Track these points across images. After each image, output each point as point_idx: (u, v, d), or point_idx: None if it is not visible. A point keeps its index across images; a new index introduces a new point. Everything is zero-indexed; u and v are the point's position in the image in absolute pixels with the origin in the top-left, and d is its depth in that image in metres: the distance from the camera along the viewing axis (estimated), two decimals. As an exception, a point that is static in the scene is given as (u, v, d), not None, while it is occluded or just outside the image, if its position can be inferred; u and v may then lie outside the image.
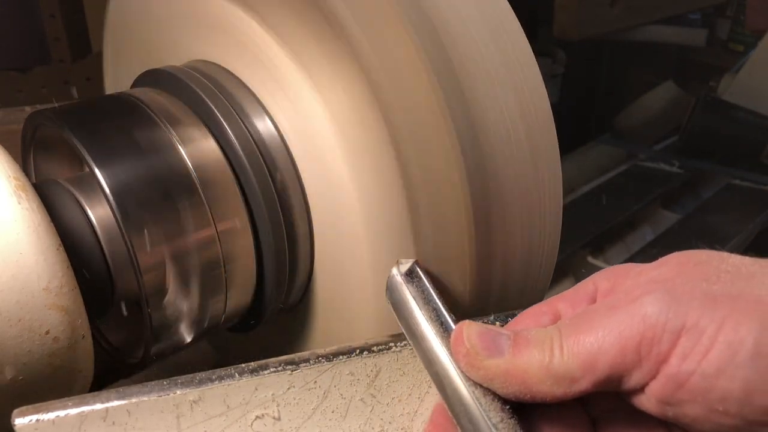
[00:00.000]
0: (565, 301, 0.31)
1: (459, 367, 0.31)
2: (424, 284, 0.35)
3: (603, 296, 0.31)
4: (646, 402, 0.27)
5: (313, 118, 0.38)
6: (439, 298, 0.34)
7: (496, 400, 0.30)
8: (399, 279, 0.35)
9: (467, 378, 0.30)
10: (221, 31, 0.42)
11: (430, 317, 0.33)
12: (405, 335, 0.34)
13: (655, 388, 0.27)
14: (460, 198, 0.37)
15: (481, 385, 0.30)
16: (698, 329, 0.26)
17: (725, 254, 0.29)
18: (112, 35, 0.52)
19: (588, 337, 0.27)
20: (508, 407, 0.30)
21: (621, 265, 0.31)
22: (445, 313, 0.33)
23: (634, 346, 0.26)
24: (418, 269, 0.35)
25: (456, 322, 0.33)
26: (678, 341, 0.26)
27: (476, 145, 0.37)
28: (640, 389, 0.27)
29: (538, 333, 0.29)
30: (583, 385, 0.27)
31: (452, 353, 0.31)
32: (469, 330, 0.30)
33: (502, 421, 0.29)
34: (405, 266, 0.35)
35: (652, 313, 0.26)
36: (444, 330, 0.33)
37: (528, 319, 0.32)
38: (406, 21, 0.36)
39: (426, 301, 0.34)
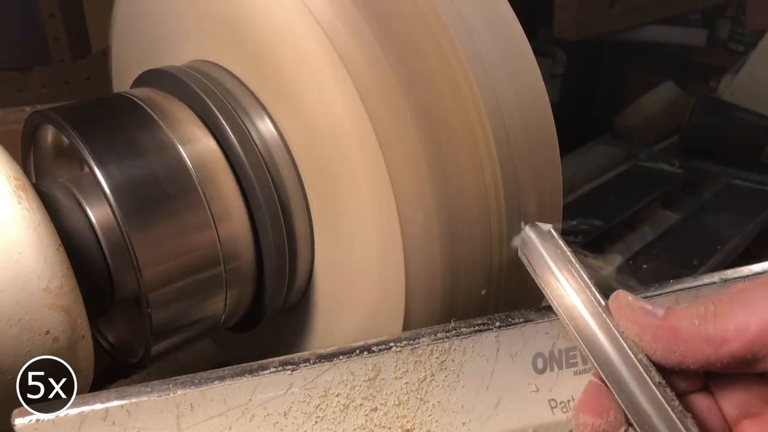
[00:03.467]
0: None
1: (612, 321, 0.32)
2: (562, 248, 0.35)
3: None
4: None
5: (313, 118, 0.38)
6: (578, 262, 0.35)
7: (647, 359, 0.31)
8: (536, 238, 0.36)
9: (618, 333, 0.31)
10: (221, 31, 0.42)
11: (574, 278, 0.34)
12: (546, 295, 0.35)
13: None
14: (460, 198, 0.37)
15: (633, 345, 0.31)
16: None
17: None
18: (118, 33, 0.52)
19: (742, 306, 0.29)
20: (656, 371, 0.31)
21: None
22: (586, 276, 0.34)
23: None
24: (555, 234, 0.36)
25: (595, 283, 0.34)
26: None
27: (482, 146, 0.37)
28: None
29: (692, 306, 0.31)
30: (734, 346, 0.29)
31: (610, 307, 0.32)
32: (626, 294, 0.33)
33: (654, 373, 0.30)
34: (545, 227, 0.37)
35: None
36: (589, 290, 0.33)
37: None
38: (401, 20, 0.37)
39: (566, 263, 0.35)
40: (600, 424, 0.31)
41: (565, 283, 0.34)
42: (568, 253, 0.35)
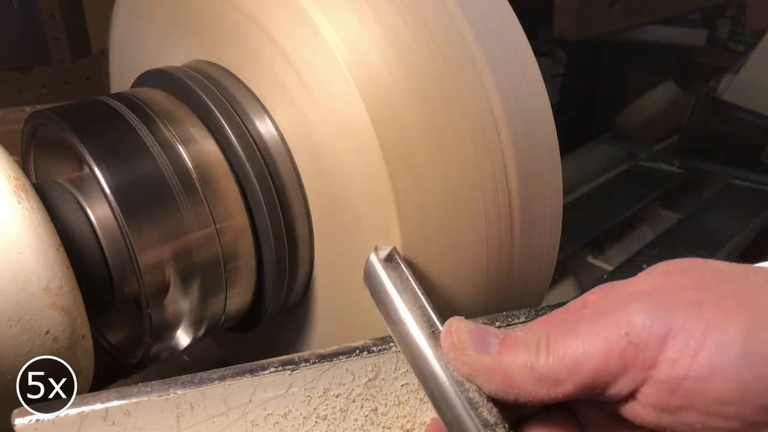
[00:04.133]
0: (556, 317, 0.31)
1: (444, 359, 0.31)
2: (402, 270, 0.34)
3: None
4: (642, 411, 0.27)
5: (313, 118, 0.38)
6: (418, 285, 0.34)
7: (480, 394, 0.30)
8: (377, 264, 0.34)
9: (450, 369, 0.30)
10: (221, 31, 0.42)
11: (410, 304, 0.33)
12: (385, 324, 0.34)
13: (648, 394, 0.26)
14: (459, 198, 0.37)
15: (465, 380, 0.30)
16: (685, 333, 0.25)
17: (711, 261, 0.29)
18: (118, 32, 0.52)
19: (574, 340, 0.27)
20: (492, 405, 0.30)
21: (609, 282, 0.31)
22: (425, 300, 0.33)
23: (618, 351, 0.26)
24: (397, 256, 0.35)
25: (435, 310, 0.33)
26: (665, 346, 0.26)
27: (482, 145, 0.37)
28: (631, 397, 0.27)
29: (526, 335, 0.29)
30: (567, 387, 0.27)
31: (441, 346, 0.31)
32: (459, 325, 0.31)
33: (485, 411, 0.29)
34: (384, 252, 0.35)
35: (637, 320, 0.26)
36: (424, 317, 0.32)
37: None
38: (401, 20, 0.37)
39: (405, 288, 0.34)
40: None
41: (405, 313, 0.33)
42: (410, 279, 0.34)
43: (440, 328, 0.32)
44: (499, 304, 0.41)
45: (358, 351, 0.33)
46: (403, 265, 0.34)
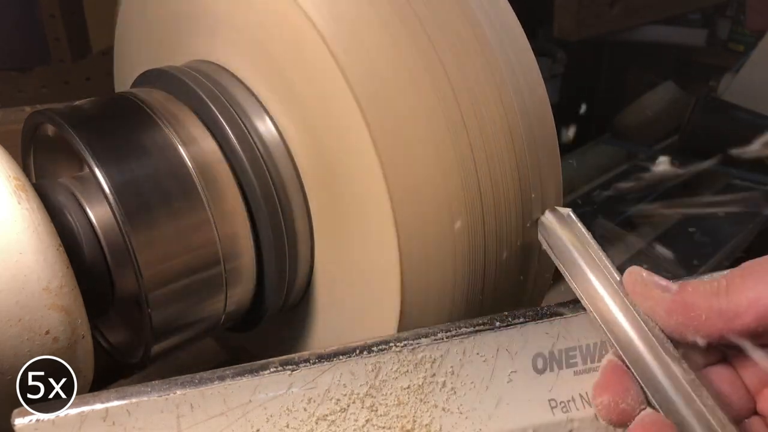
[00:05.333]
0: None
1: (628, 297, 0.33)
2: (581, 230, 0.37)
3: None
4: None
5: (313, 118, 0.38)
6: (596, 242, 0.36)
7: (662, 334, 0.31)
8: (556, 221, 0.38)
9: (634, 310, 0.32)
10: (221, 31, 0.42)
11: (592, 258, 0.35)
12: (565, 276, 0.36)
13: None
14: (458, 196, 0.37)
15: (648, 320, 0.32)
16: None
17: None
18: (121, 32, 0.52)
19: (754, 281, 0.30)
20: (672, 345, 0.31)
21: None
22: (603, 256, 0.35)
23: None
24: (574, 217, 0.38)
25: (612, 263, 0.35)
26: None
27: (474, 145, 0.37)
28: None
29: (705, 281, 0.31)
30: (746, 319, 0.29)
31: (624, 284, 0.33)
32: (640, 270, 0.33)
33: (670, 347, 0.31)
34: (564, 211, 0.38)
35: None
36: (604, 267, 0.35)
37: None
38: (400, 22, 0.37)
39: (585, 244, 0.36)
40: (619, 402, 0.32)
41: (582, 264, 0.35)
42: (587, 235, 0.36)
43: (617, 277, 0.34)
44: (494, 306, 0.41)
45: (358, 351, 0.33)
46: (580, 225, 0.37)
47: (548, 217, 0.38)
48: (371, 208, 0.37)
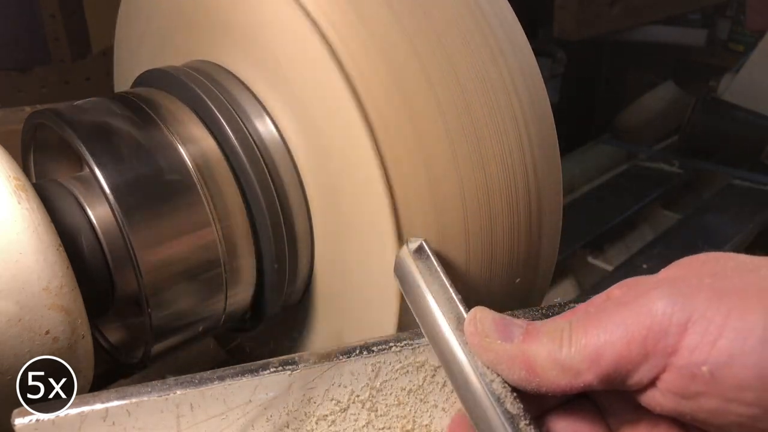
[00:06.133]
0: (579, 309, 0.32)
1: (468, 347, 0.31)
2: (432, 262, 0.35)
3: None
4: (661, 398, 0.27)
5: (313, 118, 0.38)
6: (446, 277, 0.34)
7: (504, 386, 0.30)
8: (408, 256, 0.35)
9: (475, 359, 0.31)
10: (221, 31, 0.42)
11: (439, 295, 0.33)
12: (413, 313, 0.34)
13: (668, 381, 0.27)
14: (457, 196, 0.37)
15: (488, 370, 0.30)
16: (705, 320, 0.26)
17: (732, 254, 0.29)
18: (121, 32, 0.52)
19: (595, 330, 0.28)
20: (515, 398, 0.30)
21: (633, 277, 0.31)
22: (453, 292, 0.34)
23: (640, 339, 0.27)
24: (427, 248, 0.35)
25: (462, 300, 0.33)
26: (685, 333, 0.26)
27: (475, 145, 0.37)
28: (651, 384, 0.27)
29: (549, 325, 0.29)
30: (588, 377, 0.28)
31: (464, 333, 0.31)
32: (483, 314, 0.31)
33: (508, 403, 0.30)
34: (414, 244, 0.36)
35: (658, 308, 0.26)
36: (452, 308, 0.33)
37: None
38: (398, 23, 0.37)
39: (434, 279, 0.34)
40: None
41: (432, 303, 0.33)
42: (439, 271, 0.34)
43: (464, 318, 0.32)
44: (504, 303, 0.41)
45: (358, 351, 0.33)
46: (432, 258, 0.35)
47: (402, 251, 0.36)
48: (370, 208, 0.37)
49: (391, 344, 0.34)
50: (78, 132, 0.38)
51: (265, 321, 0.45)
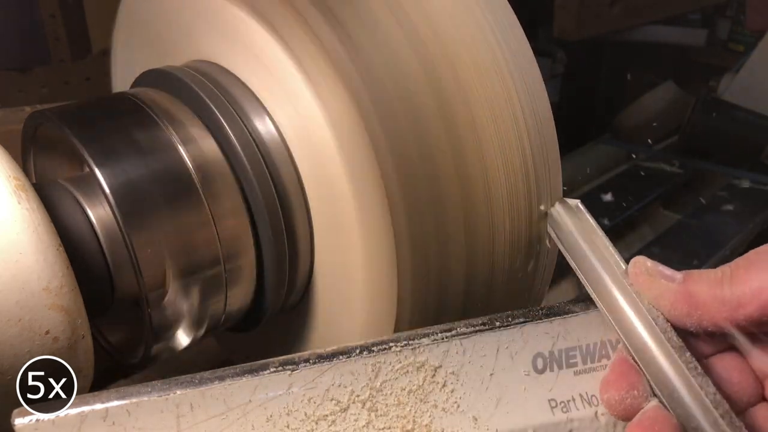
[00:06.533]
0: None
1: (633, 288, 0.33)
2: (589, 221, 0.37)
3: None
4: None
5: (313, 119, 0.38)
6: (602, 232, 0.36)
7: (667, 323, 0.32)
8: (564, 213, 0.38)
9: (639, 300, 0.33)
10: (222, 31, 0.42)
11: (596, 247, 0.36)
12: (572, 266, 0.36)
13: None
14: (457, 197, 0.37)
15: (653, 309, 0.32)
16: None
17: None
18: (121, 33, 0.52)
19: (758, 271, 0.30)
20: (675, 333, 0.32)
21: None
22: (609, 244, 0.35)
23: None
24: (582, 207, 0.38)
25: (618, 253, 0.35)
26: None
27: (474, 145, 0.37)
28: None
29: (710, 271, 0.31)
30: (749, 309, 0.29)
31: (629, 274, 0.33)
32: (645, 259, 0.34)
33: (674, 337, 0.31)
34: (573, 202, 0.38)
35: None
36: (611, 257, 0.35)
37: None
38: (397, 24, 0.37)
39: (590, 234, 0.36)
40: (625, 398, 0.32)
41: (590, 255, 0.35)
42: (594, 227, 0.36)
43: (624, 267, 0.34)
44: (504, 303, 0.41)
45: (358, 351, 0.33)
46: (588, 215, 0.37)
47: (557, 209, 0.39)
48: (369, 208, 0.37)
49: (391, 344, 0.34)
50: (78, 132, 0.38)
51: (264, 321, 0.45)
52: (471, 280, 0.39)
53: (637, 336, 0.32)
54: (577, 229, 0.37)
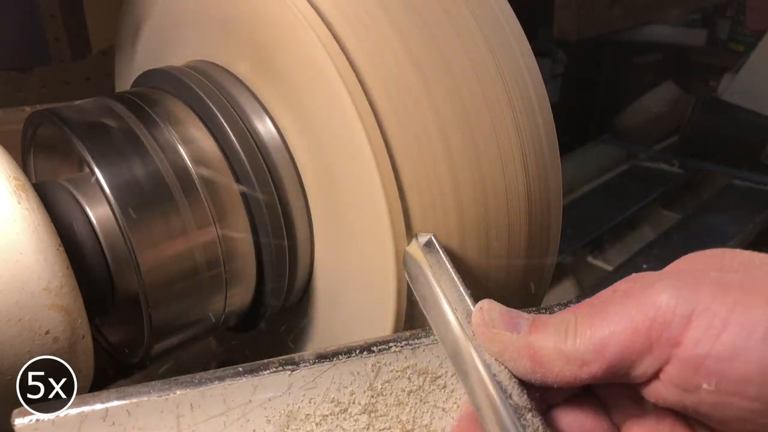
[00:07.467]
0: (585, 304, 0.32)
1: (475, 339, 0.31)
2: (441, 257, 0.35)
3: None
4: (664, 391, 0.27)
5: (313, 118, 0.38)
6: (455, 272, 0.34)
7: (510, 378, 0.30)
8: (417, 249, 0.36)
9: (482, 351, 0.31)
10: (222, 31, 0.42)
11: (448, 288, 0.34)
12: (421, 307, 0.35)
13: (671, 373, 0.27)
14: (455, 196, 0.37)
15: (495, 362, 0.30)
16: (710, 313, 0.26)
17: (737, 250, 0.29)
18: (122, 32, 0.52)
19: (600, 322, 0.28)
20: (521, 390, 0.30)
21: (641, 272, 0.31)
22: (462, 286, 0.34)
23: (644, 330, 0.27)
24: (436, 242, 0.36)
25: (471, 295, 0.33)
26: (689, 325, 0.26)
27: (473, 145, 0.37)
28: (655, 376, 0.27)
29: (555, 318, 0.30)
30: (593, 368, 0.28)
31: (471, 323, 0.32)
32: (490, 306, 0.31)
33: (514, 395, 0.30)
34: (423, 238, 0.36)
35: (662, 299, 0.26)
36: (461, 302, 0.33)
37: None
38: (394, 23, 0.37)
39: (443, 273, 0.34)
40: None
41: (441, 296, 0.34)
42: (448, 265, 0.34)
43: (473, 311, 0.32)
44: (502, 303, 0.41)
45: (358, 351, 0.33)
46: (441, 252, 0.35)
47: (412, 245, 0.36)
48: (369, 208, 0.37)
49: (391, 344, 0.34)
50: (78, 132, 0.38)
51: (264, 321, 0.45)
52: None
53: (477, 395, 0.31)
54: (431, 269, 0.35)
